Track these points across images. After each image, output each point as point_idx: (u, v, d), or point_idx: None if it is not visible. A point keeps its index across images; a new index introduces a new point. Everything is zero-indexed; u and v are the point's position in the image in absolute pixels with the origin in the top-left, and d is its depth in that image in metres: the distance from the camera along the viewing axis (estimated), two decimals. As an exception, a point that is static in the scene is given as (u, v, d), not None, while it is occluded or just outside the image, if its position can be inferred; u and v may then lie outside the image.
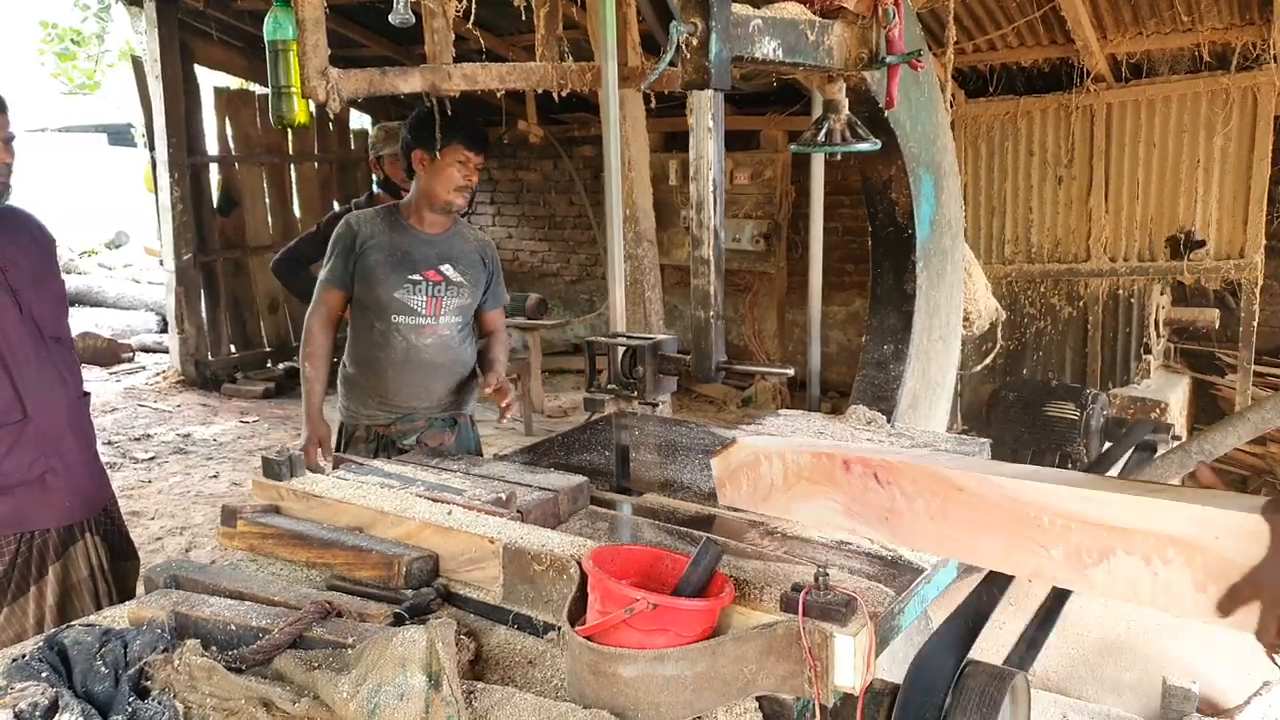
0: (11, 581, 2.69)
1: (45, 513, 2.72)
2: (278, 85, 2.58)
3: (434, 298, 3.21)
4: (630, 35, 4.06)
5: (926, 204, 3.20)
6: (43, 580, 2.73)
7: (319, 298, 3.24)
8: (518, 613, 1.87)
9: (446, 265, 3.25)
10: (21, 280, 2.68)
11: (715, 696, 1.55)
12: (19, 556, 2.69)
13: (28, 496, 2.68)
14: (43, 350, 2.72)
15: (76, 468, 2.79)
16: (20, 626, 2.71)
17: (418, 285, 3.20)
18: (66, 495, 2.75)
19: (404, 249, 3.20)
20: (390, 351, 3.20)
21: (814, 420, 3.17)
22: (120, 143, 16.77)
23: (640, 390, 2.28)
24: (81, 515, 2.81)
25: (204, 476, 6.20)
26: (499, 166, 9.86)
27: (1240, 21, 5.58)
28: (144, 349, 9.85)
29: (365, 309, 3.22)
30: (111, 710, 1.55)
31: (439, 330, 3.26)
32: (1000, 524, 1.70)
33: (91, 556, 2.84)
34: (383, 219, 3.22)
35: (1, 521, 2.65)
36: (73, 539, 2.79)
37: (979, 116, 6.56)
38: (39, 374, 2.70)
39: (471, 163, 3.17)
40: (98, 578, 2.85)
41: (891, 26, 2.28)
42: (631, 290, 5.51)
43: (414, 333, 3.21)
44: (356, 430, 3.32)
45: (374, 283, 3.16)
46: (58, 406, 2.75)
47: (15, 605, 2.71)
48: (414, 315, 3.20)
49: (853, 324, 7.99)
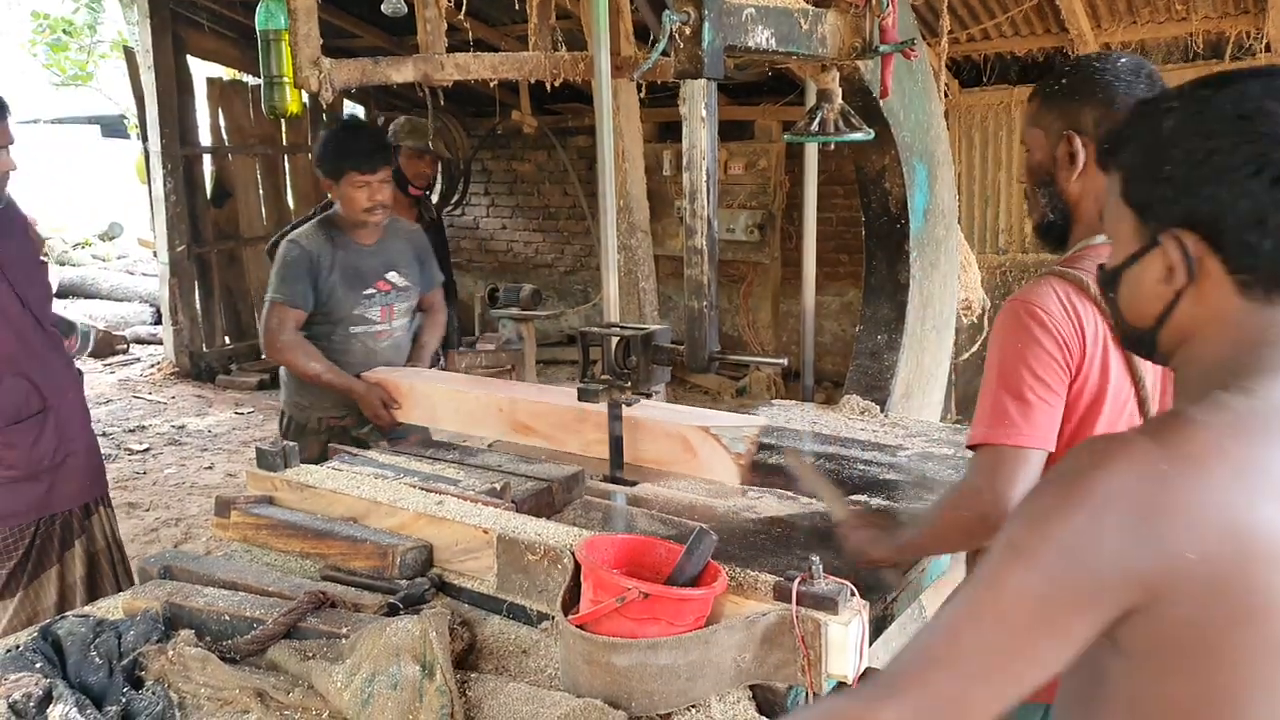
0: (28, 563, 2.80)
1: (68, 494, 2.87)
2: (270, 75, 2.56)
3: (386, 306, 3.34)
4: (623, 25, 4.06)
5: (920, 194, 3.21)
6: (68, 554, 2.88)
7: (279, 319, 3.19)
8: (512, 602, 1.87)
9: (392, 273, 3.35)
10: (18, 274, 2.75)
11: (709, 685, 1.55)
12: (37, 539, 2.81)
13: (54, 481, 2.82)
14: (45, 339, 2.82)
15: (91, 448, 2.95)
16: (33, 610, 2.81)
17: (372, 298, 3.30)
18: (85, 474, 2.91)
19: (353, 265, 3.27)
20: (349, 356, 3.28)
21: (808, 410, 3.18)
22: (113, 134, 16.74)
23: (634, 380, 2.28)
24: (95, 493, 2.97)
25: (198, 468, 6.19)
26: (493, 157, 9.84)
27: (1234, 11, 5.58)
28: (138, 340, 9.82)
29: (323, 320, 3.27)
30: (106, 700, 1.55)
31: (393, 334, 3.39)
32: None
33: (105, 526, 3.01)
34: (325, 236, 3.27)
35: (30, 506, 2.79)
36: (89, 512, 2.96)
37: (973, 106, 6.56)
38: (47, 363, 2.81)
39: (372, 183, 3.19)
40: (112, 547, 3.02)
41: (885, 15, 2.29)
42: (625, 281, 5.50)
43: (371, 339, 3.32)
44: (308, 423, 3.36)
45: (335, 303, 3.25)
46: (69, 392, 2.88)
47: (30, 589, 2.81)
48: (371, 325, 3.31)
49: (847, 314, 7.99)
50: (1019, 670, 0.95)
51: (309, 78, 2.45)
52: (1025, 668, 0.95)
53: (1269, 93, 0.97)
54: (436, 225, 4.55)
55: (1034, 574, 0.94)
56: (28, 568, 2.80)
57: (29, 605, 2.81)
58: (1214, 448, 0.94)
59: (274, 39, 2.52)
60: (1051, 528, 0.94)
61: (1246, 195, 0.96)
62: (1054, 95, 1.75)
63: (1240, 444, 0.94)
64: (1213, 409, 0.97)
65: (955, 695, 0.95)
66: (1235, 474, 0.93)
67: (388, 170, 3.23)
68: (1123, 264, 1.09)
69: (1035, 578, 0.94)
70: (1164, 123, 1.03)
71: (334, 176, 3.19)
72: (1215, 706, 0.96)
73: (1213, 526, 0.91)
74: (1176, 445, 0.94)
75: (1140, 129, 1.06)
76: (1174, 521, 0.91)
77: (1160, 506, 0.92)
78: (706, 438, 2.37)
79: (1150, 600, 0.93)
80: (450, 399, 2.94)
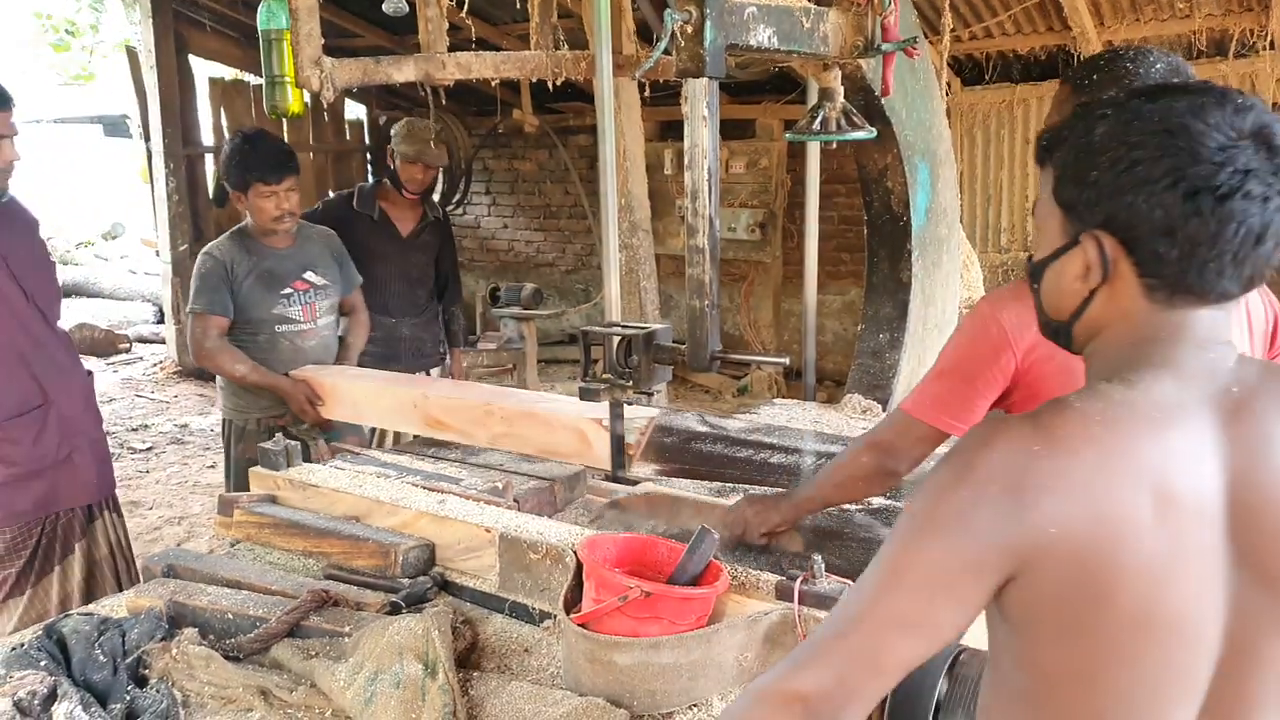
0: (36, 561, 2.79)
1: (72, 492, 2.84)
2: (271, 75, 2.57)
3: (307, 305, 3.40)
4: (625, 23, 4.05)
5: (922, 192, 3.21)
6: (68, 559, 2.85)
7: (203, 328, 3.27)
8: (514, 601, 1.87)
9: (308, 272, 3.42)
10: (23, 268, 2.74)
11: (710, 684, 1.55)
12: (43, 537, 2.80)
13: (57, 478, 2.80)
14: (50, 335, 2.82)
15: (96, 445, 2.94)
16: (42, 608, 2.80)
17: (291, 298, 3.36)
18: (89, 473, 2.88)
19: (267, 269, 3.34)
20: (278, 354, 3.34)
21: (810, 409, 3.18)
22: (116, 134, 16.71)
23: (635, 380, 2.28)
24: (100, 494, 2.94)
25: (201, 466, 6.20)
26: (494, 156, 9.83)
27: (1238, 8, 5.57)
28: (141, 340, 9.82)
29: (246, 325, 3.33)
30: (110, 698, 1.55)
31: (319, 333, 3.45)
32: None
33: (110, 533, 2.97)
34: (239, 246, 3.34)
35: (36, 504, 2.76)
36: (93, 517, 2.92)
37: (975, 104, 6.55)
38: (52, 358, 2.80)
39: (279, 192, 3.26)
40: (117, 555, 2.98)
41: (887, 14, 2.28)
42: (627, 280, 5.50)
43: (298, 338, 3.38)
44: (247, 425, 3.40)
45: (253, 305, 3.31)
46: (74, 388, 2.87)
47: (39, 586, 2.81)
48: (295, 323, 3.37)
49: (848, 313, 7.98)
50: (923, 631, 1.03)
51: (310, 77, 2.46)
52: (929, 629, 1.03)
53: (1193, 110, 1.02)
54: (442, 224, 4.54)
55: (930, 542, 1.02)
56: (35, 566, 2.80)
57: (38, 604, 2.81)
58: (1083, 432, 1.00)
59: (276, 38, 2.52)
60: (943, 501, 1.03)
61: (1161, 206, 1.02)
62: (1084, 89, 1.76)
63: (1110, 431, 1.01)
64: (1091, 397, 1.04)
65: (867, 657, 1.03)
66: (1100, 458, 0.99)
67: (294, 179, 3.31)
68: (1046, 259, 1.15)
69: (931, 545, 1.02)
70: (1096, 128, 1.08)
71: (241, 188, 3.27)
72: (1080, 677, 1.03)
73: (1075, 505, 0.98)
74: (1050, 428, 1.01)
75: (1075, 131, 1.11)
76: (1039, 498, 0.98)
77: (1028, 483, 0.99)
78: (600, 430, 2.44)
79: (1022, 570, 1.00)
80: (371, 396, 3.03)
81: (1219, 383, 1.05)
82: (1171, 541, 0.99)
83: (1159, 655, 1.01)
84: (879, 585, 1.04)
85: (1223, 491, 1.02)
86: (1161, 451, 1.00)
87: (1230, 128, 1.01)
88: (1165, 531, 0.99)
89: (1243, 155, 1.00)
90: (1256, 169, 1.00)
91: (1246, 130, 1.01)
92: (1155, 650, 1.01)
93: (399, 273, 4.28)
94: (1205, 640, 1.03)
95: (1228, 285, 1.04)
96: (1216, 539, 1.01)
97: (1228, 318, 1.08)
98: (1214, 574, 1.01)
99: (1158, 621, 1.00)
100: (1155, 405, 1.03)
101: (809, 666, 1.04)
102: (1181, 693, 1.04)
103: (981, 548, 1.00)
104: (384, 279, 4.17)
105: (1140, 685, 1.02)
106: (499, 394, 2.78)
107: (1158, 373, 1.05)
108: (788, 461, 2.51)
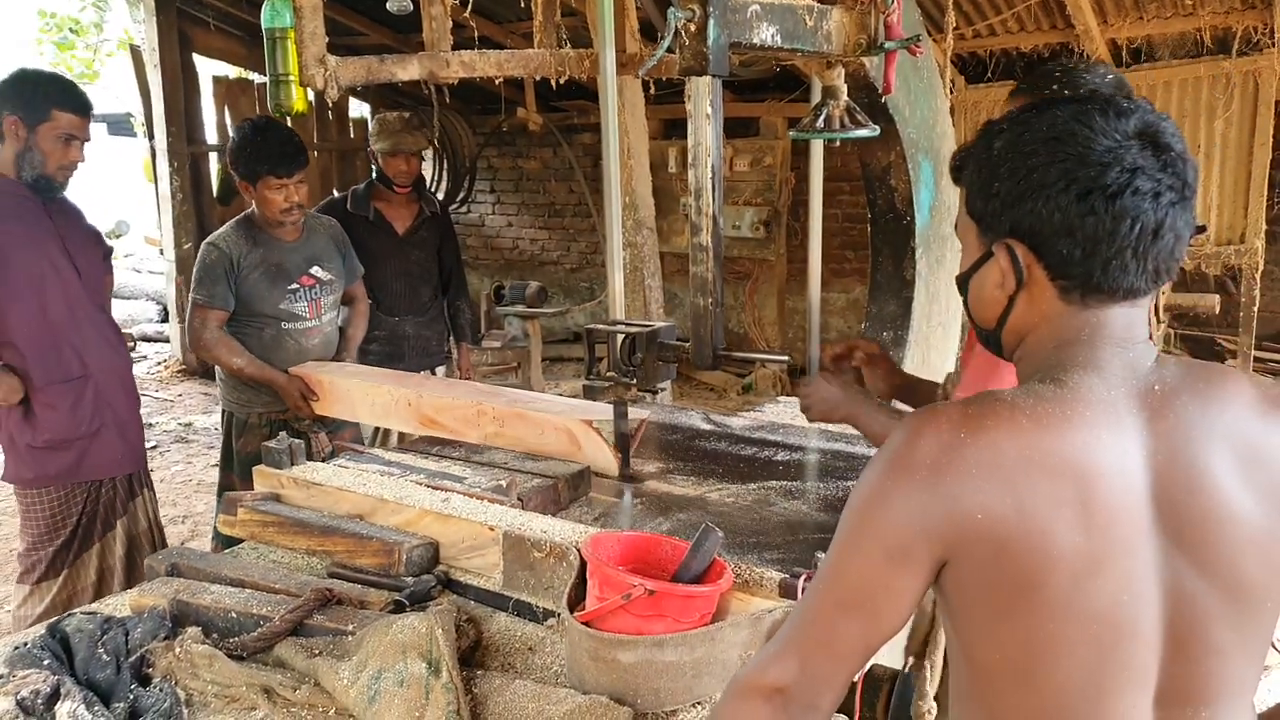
0: (76, 540, 2.96)
1: (105, 462, 3.01)
2: (275, 73, 2.56)
3: (313, 301, 3.40)
4: (629, 22, 4.04)
5: (926, 190, 3.20)
6: (109, 534, 3.04)
7: (202, 320, 3.27)
8: (518, 599, 1.87)
9: (315, 267, 3.42)
10: (79, 249, 2.96)
11: (714, 682, 1.55)
12: (84, 516, 2.97)
13: (90, 448, 2.98)
14: (98, 315, 3.02)
15: (129, 422, 3.11)
16: (75, 587, 2.96)
17: (297, 293, 3.36)
18: (119, 446, 3.04)
19: (275, 261, 3.33)
20: (282, 352, 3.34)
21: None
22: (119, 132, 16.72)
23: (640, 378, 2.28)
24: (132, 466, 3.11)
25: (205, 465, 6.20)
26: (498, 154, 9.83)
27: (1242, 6, 5.56)
28: (145, 338, 9.83)
29: (251, 318, 3.33)
30: (113, 697, 1.55)
31: (323, 329, 3.46)
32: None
33: (149, 509, 3.17)
34: (245, 236, 3.32)
35: (70, 470, 2.94)
36: (133, 493, 3.11)
37: (979, 102, 6.54)
38: (98, 335, 2.99)
39: (289, 185, 3.25)
40: (154, 528, 3.18)
41: (890, 11, 2.27)
42: (631, 278, 5.50)
43: (302, 336, 3.39)
44: (249, 418, 3.41)
45: (258, 299, 3.30)
46: (111, 366, 3.04)
47: (76, 564, 2.97)
48: (300, 320, 3.37)
49: (853, 311, 7.97)
50: (865, 615, 1.07)
51: (315, 76, 2.45)
52: (869, 613, 1.07)
53: (1077, 117, 1.08)
54: (440, 218, 4.52)
55: (864, 528, 1.08)
56: (74, 545, 2.95)
57: (70, 585, 2.95)
58: (1008, 423, 1.04)
59: (280, 37, 2.51)
60: (874, 488, 1.07)
61: (1059, 209, 1.07)
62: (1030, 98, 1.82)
63: (1036, 424, 1.04)
64: (1021, 393, 1.09)
65: (824, 645, 1.08)
66: (1024, 450, 1.02)
67: (304, 172, 3.29)
68: (968, 271, 1.22)
69: (864, 531, 1.07)
70: (995, 143, 1.15)
71: (250, 179, 3.24)
72: (1017, 670, 1.06)
73: (998, 493, 1.01)
74: (978, 418, 1.05)
75: (978, 147, 1.18)
76: (964, 484, 1.02)
77: (952, 469, 1.03)
78: (589, 431, 2.45)
79: (951, 555, 1.04)
80: (365, 393, 3.03)
81: (1142, 380, 1.09)
82: (1099, 534, 1.02)
83: (1094, 646, 1.03)
84: (826, 575, 1.10)
85: (1149, 485, 1.05)
86: (1088, 447, 1.03)
87: (1115, 130, 1.07)
88: (1092, 524, 1.01)
89: (1129, 154, 1.06)
90: (1143, 166, 1.05)
91: (1131, 131, 1.07)
92: (1089, 641, 1.03)
93: (400, 271, 4.28)
94: (1143, 630, 1.05)
95: (1134, 281, 1.09)
96: (1146, 531, 1.04)
97: (1142, 316, 1.14)
98: (1146, 564, 1.04)
99: (1089, 612, 1.02)
100: (1083, 402, 1.06)
101: (779, 659, 1.09)
102: (1125, 683, 1.06)
103: (911, 532, 1.03)
104: (385, 278, 4.17)
105: (1077, 677, 1.04)
106: (490, 393, 2.78)
107: (1084, 372, 1.09)
108: (791, 459, 2.51)
